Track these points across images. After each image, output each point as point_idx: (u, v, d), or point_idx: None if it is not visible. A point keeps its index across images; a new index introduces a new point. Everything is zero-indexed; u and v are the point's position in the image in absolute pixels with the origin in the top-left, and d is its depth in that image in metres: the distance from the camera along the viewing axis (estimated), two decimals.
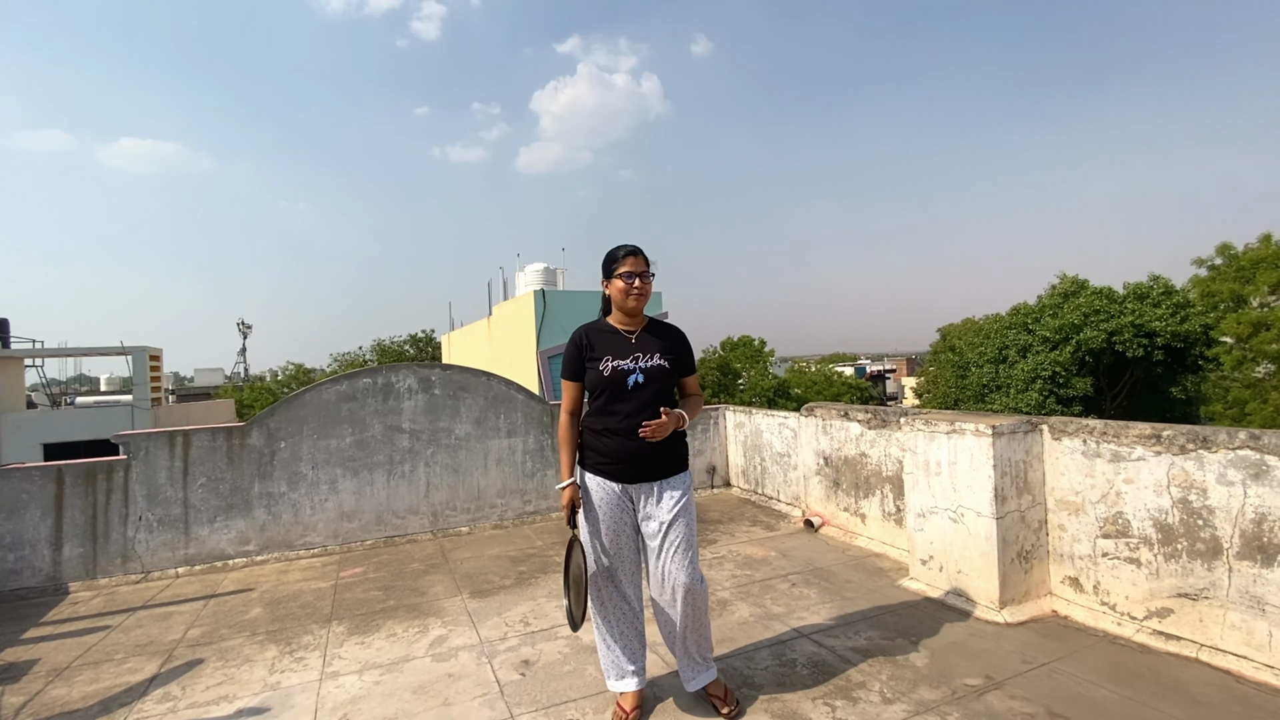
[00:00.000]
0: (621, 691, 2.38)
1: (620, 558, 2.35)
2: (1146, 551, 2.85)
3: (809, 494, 4.97)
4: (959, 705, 2.38)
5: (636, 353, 2.34)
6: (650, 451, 2.29)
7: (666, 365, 2.35)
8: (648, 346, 2.36)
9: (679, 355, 2.42)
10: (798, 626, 3.10)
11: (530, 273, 19.12)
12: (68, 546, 4.22)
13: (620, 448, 2.29)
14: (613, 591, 2.37)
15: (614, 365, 2.31)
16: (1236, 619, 2.57)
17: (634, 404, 2.29)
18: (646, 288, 2.35)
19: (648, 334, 2.40)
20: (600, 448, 2.33)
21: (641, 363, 2.32)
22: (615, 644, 2.39)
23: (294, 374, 39.32)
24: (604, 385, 2.31)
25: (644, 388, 2.30)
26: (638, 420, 2.27)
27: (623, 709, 2.34)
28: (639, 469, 2.30)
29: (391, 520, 4.98)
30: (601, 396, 2.34)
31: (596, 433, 2.35)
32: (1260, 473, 2.50)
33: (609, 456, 2.31)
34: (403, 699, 2.59)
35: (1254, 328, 19.71)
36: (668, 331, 2.47)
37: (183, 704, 2.64)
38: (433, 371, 5.21)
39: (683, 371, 2.45)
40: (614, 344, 2.36)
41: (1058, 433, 3.21)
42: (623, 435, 2.29)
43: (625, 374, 2.30)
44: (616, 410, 2.30)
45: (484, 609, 3.51)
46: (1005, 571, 3.12)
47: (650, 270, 2.37)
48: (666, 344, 2.40)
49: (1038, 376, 22.32)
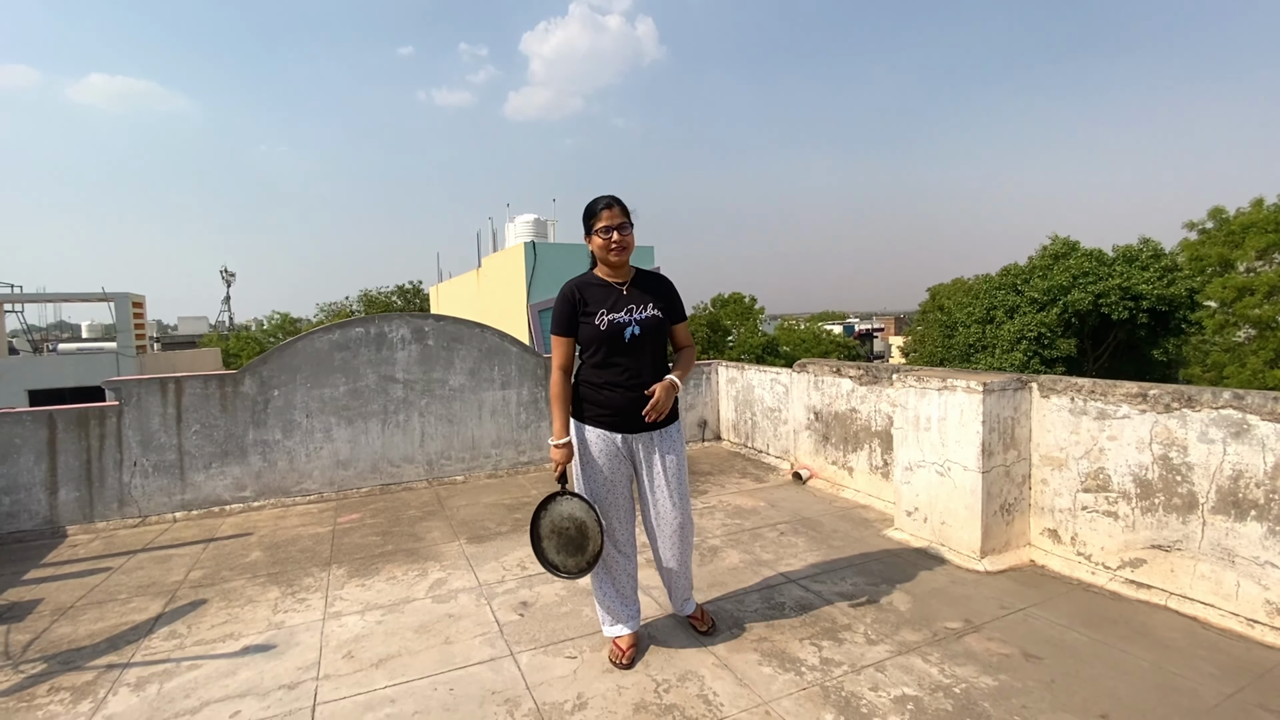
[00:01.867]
0: (617, 635, 2.47)
1: (617, 508, 2.41)
2: (1124, 505, 2.96)
3: (798, 448, 5.06)
4: (939, 646, 2.50)
5: (630, 305, 2.35)
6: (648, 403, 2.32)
7: (660, 315, 2.38)
8: (640, 298, 2.38)
9: (669, 304, 2.45)
10: (785, 572, 3.21)
11: (520, 224, 18.80)
12: (63, 491, 4.24)
13: (622, 400, 2.32)
14: (609, 542, 2.43)
15: (610, 319, 2.32)
16: (1206, 569, 2.69)
17: (632, 356, 2.33)
18: (625, 240, 2.33)
19: (637, 286, 2.41)
20: (601, 400, 2.35)
21: (636, 314, 2.34)
22: (611, 591, 2.47)
23: (280, 323, 38.88)
24: (601, 339, 2.32)
25: (641, 339, 2.33)
26: (636, 372, 2.32)
27: (619, 648, 2.44)
28: (639, 420, 2.33)
29: (387, 468, 5.03)
30: (599, 351, 2.34)
31: (596, 386, 2.36)
32: (1241, 431, 2.58)
33: (610, 409, 2.34)
34: (405, 638, 2.68)
35: (1238, 292, 19.93)
36: (657, 281, 2.49)
37: (189, 641, 2.71)
38: (426, 322, 5.18)
39: (673, 319, 2.48)
40: (606, 297, 2.36)
41: (1047, 390, 3.27)
42: (623, 387, 2.32)
43: (622, 327, 2.32)
44: (616, 363, 2.33)
45: (481, 553, 3.59)
46: (988, 523, 3.22)
47: (628, 221, 2.35)
48: (656, 293, 2.43)
49: (1023, 337, 22.57)
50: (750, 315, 35.54)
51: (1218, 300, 20.72)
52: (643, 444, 2.39)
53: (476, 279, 19.18)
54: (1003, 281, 24.89)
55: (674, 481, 2.42)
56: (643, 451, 2.40)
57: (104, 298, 15.14)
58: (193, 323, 48.78)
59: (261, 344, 34.65)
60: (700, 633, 2.61)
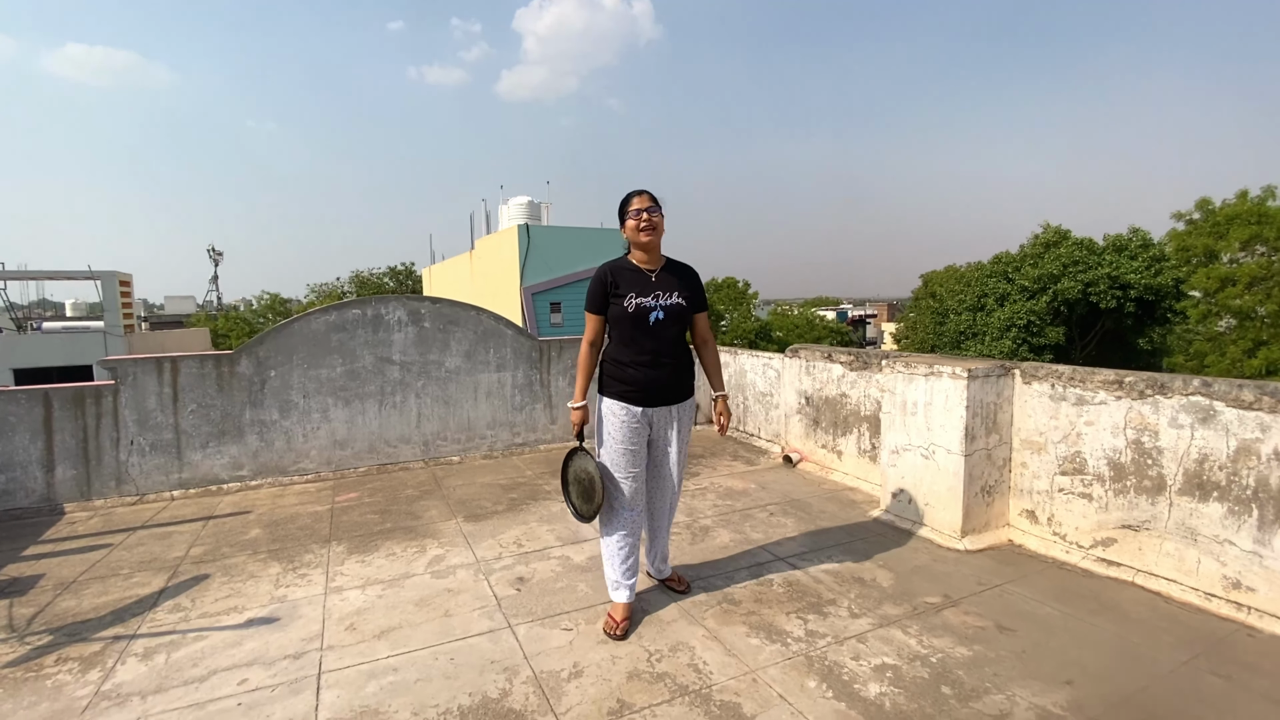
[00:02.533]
0: (616, 602, 2.59)
1: (636, 477, 2.58)
2: (1099, 487, 3.08)
3: (789, 431, 5.17)
4: (918, 619, 2.62)
5: (657, 290, 2.54)
6: (669, 380, 2.56)
7: (684, 303, 2.58)
8: (667, 284, 2.56)
9: (693, 294, 2.64)
10: (774, 551, 3.33)
11: (514, 206, 18.71)
12: (60, 469, 4.27)
13: (645, 377, 2.52)
14: (622, 511, 2.58)
15: (637, 302, 2.50)
16: (1171, 548, 2.83)
17: (655, 338, 2.52)
18: (656, 220, 2.52)
19: (666, 272, 2.60)
20: (625, 377, 2.54)
21: (662, 300, 2.53)
22: (618, 557, 2.60)
23: (270, 304, 38.55)
24: (628, 320, 2.51)
25: (664, 323, 2.52)
26: (659, 352, 2.53)
27: (614, 619, 2.54)
28: (660, 395, 2.55)
29: (384, 449, 5.10)
30: (626, 331, 2.54)
31: (622, 364, 2.55)
32: (1208, 417, 2.70)
33: (633, 385, 2.53)
34: (406, 611, 2.77)
35: (1221, 282, 20.24)
36: (684, 271, 2.67)
37: (194, 614, 2.78)
38: (422, 304, 5.22)
39: (695, 309, 2.67)
40: (636, 281, 2.54)
41: (1029, 377, 3.38)
42: (647, 366, 2.52)
43: (648, 310, 2.51)
44: (640, 343, 2.52)
45: (478, 531, 3.68)
46: (969, 504, 3.35)
47: (657, 206, 2.54)
48: (683, 282, 2.61)
49: (1013, 325, 22.84)
50: (744, 300, 35.64)
51: (1202, 290, 21.03)
52: (660, 417, 2.59)
53: (470, 261, 19.11)
54: (994, 269, 25.11)
55: (681, 453, 2.67)
56: (660, 423, 2.60)
57: (90, 276, 14.98)
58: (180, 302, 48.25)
59: (251, 324, 34.38)
60: (678, 592, 2.86)
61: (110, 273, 14.65)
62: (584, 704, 2.11)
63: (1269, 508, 2.54)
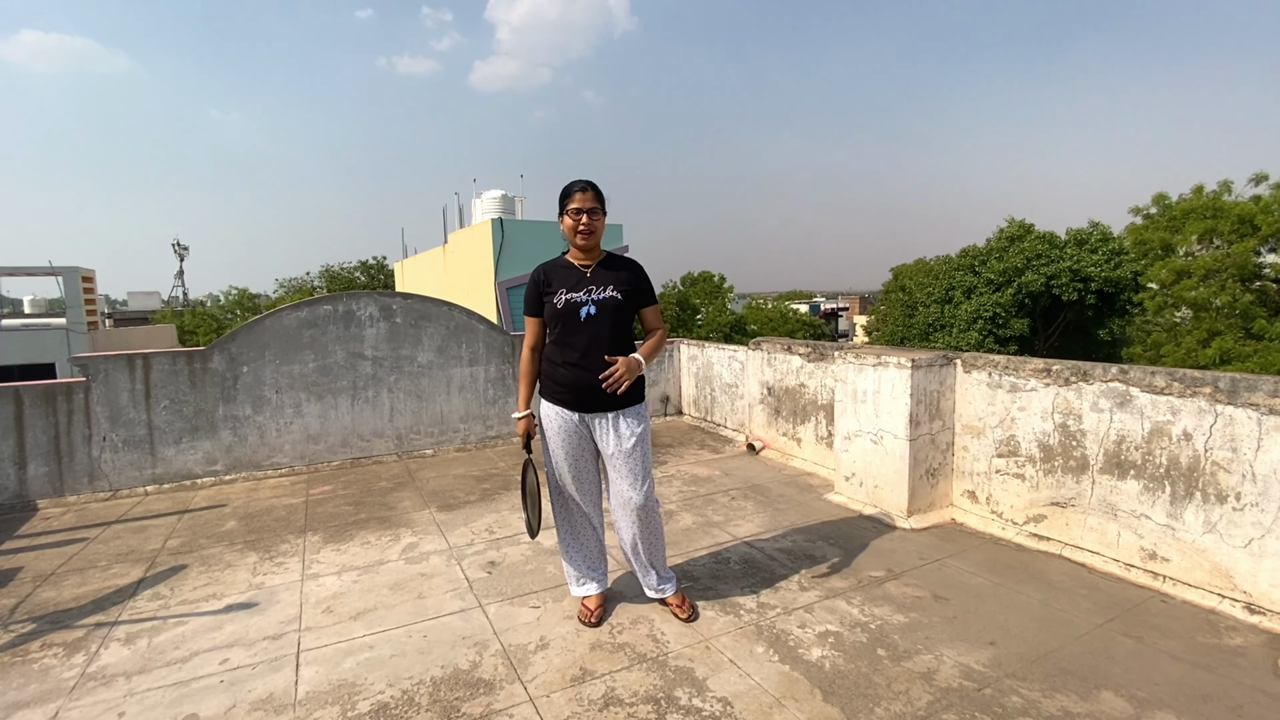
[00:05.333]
0: (584, 595, 2.67)
1: (580, 480, 2.53)
2: (1030, 468, 3.33)
3: (753, 420, 5.38)
4: (862, 591, 2.84)
5: (590, 285, 2.42)
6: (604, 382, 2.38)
7: (619, 297, 2.43)
8: (601, 279, 2.44)
9: (634, 287, 2.49)
10: (734, 532, 3.52)
11: (488, 200, 18.67)
12: (32, 465, 4.29)
13: (575, 379, 2.41)
14: (574, 512, 2.61)
15: (566, 298, 2.40)
16: (1094, 522, 3.08)
17: (587, 335, 2.39)
18: (594, 224, 2.41)
19: (602, 268, 2.48)
20: (558, 378, 2.45)
21: (594, 294, 2.41)
22: (577, 556, 2.66)
23: (238, 299, 37.81)
24: (558, 317, 2.41)
25: (596, 319, 2.39)
26: (592, 352, 2.39)
27: (587, 609, 2.62)
28: (595, 399, 2.41)
29: (357, 443, 5.18)
30: (557, 329, 2.44)
31: (555, 364, 2.46)
32: (1124, 401, 2.94)
33: (565, 386, 2.44)
34: (380, 594, 2.90)
35: (1177, 275, 21.03)
36: (623, 265, 2.53)
37: (174, 601, 2.88)
38: (394, 300, 5.30)
39: (641, 303, 2.54)
40: (568, 277, 2.45)
41: (969, 366, 3.61)
42: (577, 367, 2.40)
43: (578, 306, 2.39)
44: (571, 342, 2.41)
45: (451, 520, 3.81)
46: (914, 486, 3.57)
47: (600, 207, 2.43)
48: (620, 276, 2.47)
49: (979, 317, 23.46)
50: (719, 294, 35.94)
51: (1158, 283, 21.83)
52: (599, 424, 2.46)
53: (443, 255, 19.03)
54: (961, 263, 25.71)
55: (631, 463, 2.46)
56: (599, 431, 2.47)
57: (51, 272, 14.63)
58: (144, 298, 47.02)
59: (219, 320, 33.72)
60: (681, 619, 2.58)
61: (73, 269, 14.34)
62: (549, 672, 2.28)
63: (1180, 484, 2.79)
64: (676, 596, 2.66)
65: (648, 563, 2.62)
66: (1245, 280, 19.04)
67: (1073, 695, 2.11)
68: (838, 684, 2.19)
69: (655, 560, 2.63)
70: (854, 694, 2.14)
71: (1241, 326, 18.69)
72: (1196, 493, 2.73)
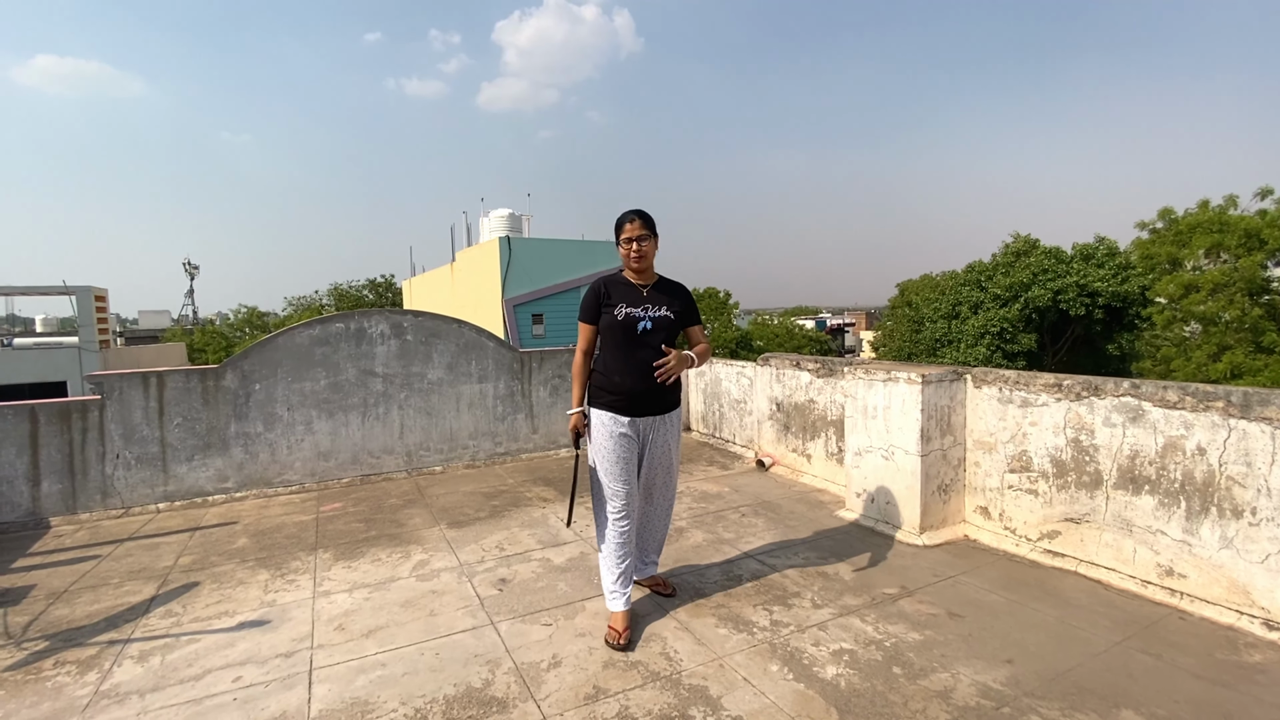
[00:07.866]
0: (613, 611, 2.66)
1: (628, 483, 2.66)
2: (1043, 483, 3.31)
3: (762, 437, 5.37)
4: (876, 608, 2.81)
5: (647, 304, 2.69)
6: (654, 390, 2.65)
7: (672, 316, 2.71)
8: (657, 299, 2.71)
9: (684, 308, 2.78)
10: (745, 549, 3.50)
11: (495, 218, 18.86)
12: (46, 483, 4.33)
13: (630, 385, 2.63)
14: (622, 518, 2.65)
15: (627, 312, 2.65)
16: (1109, 538, 3.05)
17: (643, 347, 2.65)
18: (644, 249, 2.68)
19: (656, 290, 2.75)
20: (611, 386, 2.65)
21: (651, 312, 2.67)
22: (615, 567, 2.67)
23: (247, 317, 38.15)
24: (616, 329, 2.65)
25: (652, 334, 2.65)
26: (646, 362, 2.62)
27: (614, 630, 2.58)
28: (645, 404, 2.65)
29: (367, 460, 5.20)
30: (614, 339, 2.66)
31: (609, 373, 2.67)
32: (1137, 416, 2.93)
33: (619, 394, 2.64)
34: (392, 611, 2.90)
35: (1185, 289, 20.95)
36: (675, 288, 2.82)
37: (186, 619, 2.88)
38: (405, 318, 5.35)
39: (687, 322, 2.81)
40: (628, 294, 2.70)
41: (979, 381, 3.61)
42: (633, 375, 2.63)
43: (636, 320, 2.65)
44: (627, 352, 2.65)
45: (461, 537, 3.81)
46: (926, 502, 3.56)
47: (649, 232, 2.69)
48: (673, 298, 2.76)
49: (987, 332, 23.40)
50: (725, 310, 36.02)
51: (1166, 297, 21.75)
52: (649, 426, 2.71)
53: (450, 273, 19.18)
54: (967, 278, 25.71)
55: (672, 461, 2.80)
56: (647, 431, 2.71)
57: (65, 291, 14.83)
58: (154, 316, 47.53)
59: (228, 338, 34.00)
60: (664, 595, 2.95)
61: (85, 288, 14.53)
62: (562, 690, 2.26)
63: (1195, 500, 2.77)
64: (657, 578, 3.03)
65: (653, 552, 2.99)
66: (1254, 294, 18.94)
67: (1092, 714, 2.08)
68: (854, 703, 2.17)
69: (655, 548, 2.99)
70: (870, 713, 2.11)
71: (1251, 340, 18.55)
72: (1212, 508, 2.71)
